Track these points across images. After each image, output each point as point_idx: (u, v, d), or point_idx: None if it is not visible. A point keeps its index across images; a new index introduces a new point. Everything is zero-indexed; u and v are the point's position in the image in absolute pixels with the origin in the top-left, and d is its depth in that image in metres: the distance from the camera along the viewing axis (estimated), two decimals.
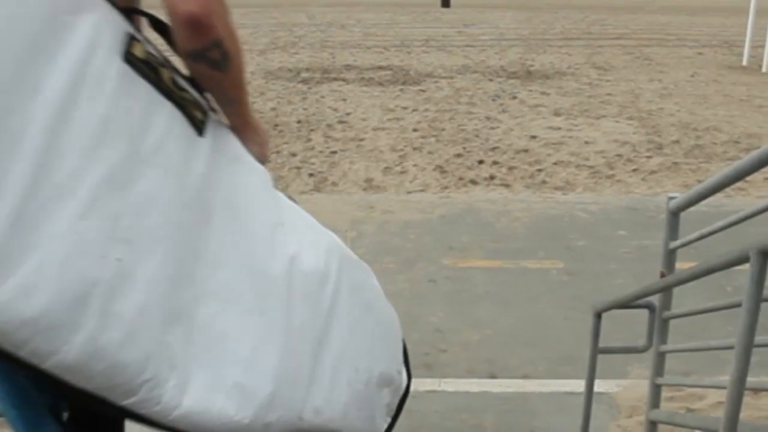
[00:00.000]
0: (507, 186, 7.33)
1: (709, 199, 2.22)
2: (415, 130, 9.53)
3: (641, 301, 2.49)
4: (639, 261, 4.93)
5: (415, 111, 10.72)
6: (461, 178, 7.56)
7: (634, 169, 7.82)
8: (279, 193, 1.25)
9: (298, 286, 1.15)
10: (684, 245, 2.41)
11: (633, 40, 20.30)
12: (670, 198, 2.46)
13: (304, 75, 13.48)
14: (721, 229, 2.14)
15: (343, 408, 1.20)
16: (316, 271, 1.18)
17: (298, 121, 9.78)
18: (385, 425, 1.36)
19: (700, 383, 3.03)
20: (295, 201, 1.31)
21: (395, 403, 1.40)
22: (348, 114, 10.44)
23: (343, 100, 11.40)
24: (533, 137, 9.15)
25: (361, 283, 1.32)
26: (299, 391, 1.12)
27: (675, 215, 2.45)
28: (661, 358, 2.59)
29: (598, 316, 2.77)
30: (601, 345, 2.79)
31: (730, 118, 10.34)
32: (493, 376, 3.60)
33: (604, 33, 22.31)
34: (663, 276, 2.48)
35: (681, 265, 2.40)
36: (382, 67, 14.89)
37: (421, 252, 5.21)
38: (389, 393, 1.36)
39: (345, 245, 1.31)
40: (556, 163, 8.04)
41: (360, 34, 21.58)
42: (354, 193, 7.08)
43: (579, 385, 2.97)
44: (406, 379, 1.44)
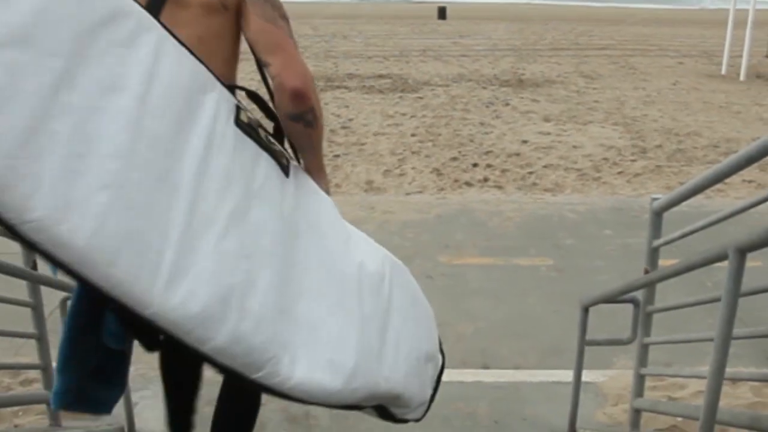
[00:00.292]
0: (500, 188, 7.32)
1: (690, 200, 2.21)
2: (413, 135, 9.53)
3: (626, 296, 2.49)
4: (624, 258, 4.92)
5: (413, 117, 10.72)
6: (456, 180, 7.55)
7: (620, 172, 7.81)
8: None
9: (365, 285, 1.40)
10: (666, 243, 2.41)
11: (618, 50, 20.30)
12: (654, 199, 2.46)
13: None
14: (702, 228, 2.14)
15: (403, 377, 1.43)
16: (376, 273, 1.44)
17: None
18: (430, 393, 1.59)
19: (682, 373, 3.02)
20: None
21: (435, 377, 1.63)
22: (350, 120, 10.44)
23: (346, 106, 11.40)
24: (524, 142, 9.15)
25: (407, 281, 1.58)
26: (373, 364, 1.34)
27: (658, 215, 2.45)
28: (644, 349, 2.58)
29: (585, 310, 2.77)
30: (588, 337, 2.78)
31: (709, 123, 10.33)
32: (486, 367, 3.60)
33: (591, 44, 22.31)
34: (646, 272, 2.48)
35: (663, 263, 2.40)
36: (382, 76, 14.89)
37: (418, 250, 5.21)
38: (432, 367, 1.60)
39: (392, 255, 1.59)
40: (545, 166, 8.04)
41: (361, 44, 21.58)
42: (356, 194, 7.08)
43: (567, 375, 2.97)
44: (441, 358, 1.67)
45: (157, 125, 1.13)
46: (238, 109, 1.31)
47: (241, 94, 1.46)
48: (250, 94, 1.44)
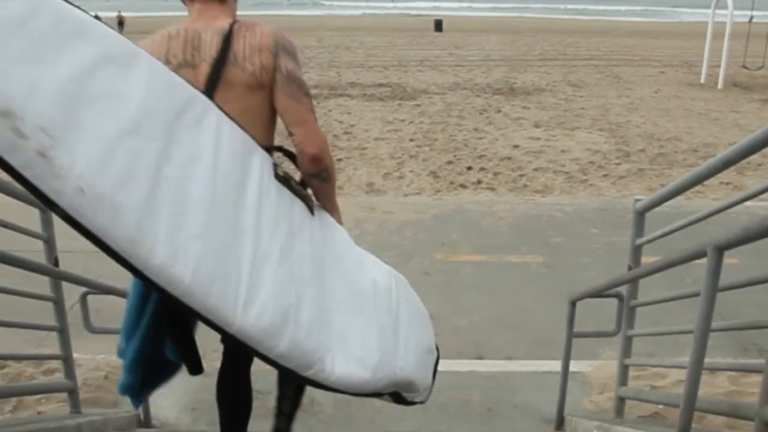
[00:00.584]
0: (492, 189, 7.33)
1: (671, 201, 2.21)
2: (411, 140, 9.53)
3: (611, 291, 2.49)
4: (609, 255, 4.92)
5: (411, 123, 10.72)
6: (452, 183, 7.56)
7: (605, 175, 7.82)
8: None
9: (379, 297, 1.66)
10: (649, 242, 2.41)
11: (603, 60, 20.30)
12: (637, 200, 2.46)
13: (313, 91, 13.42)
14: (682, 227, 2.14)
15: (414, 367, 1.67)
16: (386, 288, 1.70)
17: None
18: (431, 380, 1.83)
19: (663, 363, 3.02)
20: None
21: (433, 366, 1.86)
22: (352, 126, 10.44)
23: (348, 113, 11.40)
24: (516, 146, 9.15)
25: (408, 291, 1.84)
26: (391, 357, 1.58)
27: (641, 215, 2.45)
28: (628, 341, 2.58)
29: (573, 304, 2.77)
30: (576, 330, 2.78)
31: (689, 129, 10.34)
32: (479, 357, 3.60)
33: (578, 54, 22.31)
34: (630, 269, 2.48)
35: (646, 260, 2.40)
36: (382, 85, 14.89)
37: (416, 248, 5.21)
38: (431, 358, 1.84)
39: (393, 269, 1.82)
40: (536, 170, 8.04)
41: (363, 55, 21.58)
42: (357, 195, 7.08)
43: (556, 365, 2.97)
44: (436, 351, 1.91)
45: (226, 184, 1.37)
46: (275, 165, 1.56)
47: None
48: (286, 153, 1.68)
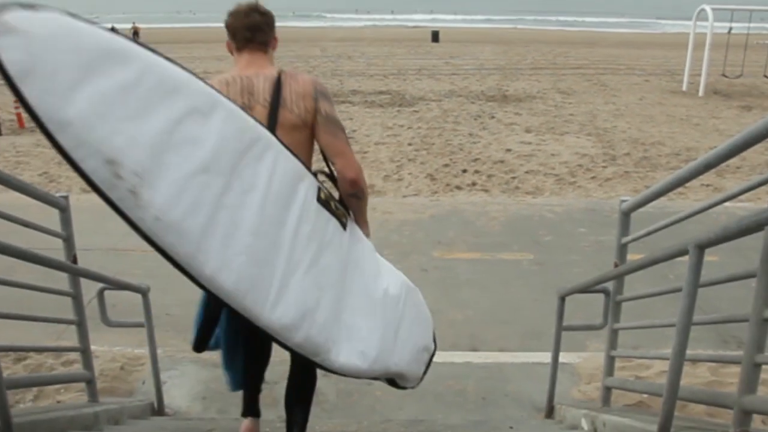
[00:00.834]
0: (486, 191, 7.32)
1: (654, 202, 2.21)
2: (409, 145, 9.53)
3: (598, 287, 2.49)
4: (596, 253, 4.92)
5: (409, 128, 10.72)
6: (448, 185, 7.55)
7: (593, 177, 7.81)
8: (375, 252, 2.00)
9: (387, 303, 1.84)
10: (634, 240, 2.41)
11: (591, 69, 20.29)
12: (623, 201, 2.46)
13: None
14: (665, 226, 2.14)
15: (407, 362, 1.89)
16: (396, 295, 1.88)
17: None
18: (423, 371, 2.03)
19: (647, 355, 3.02)
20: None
21: (428, 360, 2.05)
22: (354, 131, 10.44)
23: (350, 119, 11.39)
24: (508, 150, 9.15)
25: (416, 298, 2.01)
26: (388, 354, 1.79)
27: (626, 215, 2.45)
28: (614, 334, 2.58)
29: (562, 299, 2.77)
30: (565, 323, 2.79)
31: (672, 134, 10.33)
32: (474, 349, 3.60)
33: (567, 64, 22.30)
34: (616, 266, 2.48)
35: (631, 257, 2.40)
36: (382, 92, 14.89)
37: (414, 246, 5.21)
38: (427, 355, 2.03)
39: (406, 278, 2.00)
40: (527, 172, 8.04)
41: (364, 64, 21.57)
42: None
43: (546, 356, 2.97)
44: (433, 347, 2.08)
45: (273, 208, 1.56)
46: (319, 189, 1.73)
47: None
48: (328, 176, 1.90)
